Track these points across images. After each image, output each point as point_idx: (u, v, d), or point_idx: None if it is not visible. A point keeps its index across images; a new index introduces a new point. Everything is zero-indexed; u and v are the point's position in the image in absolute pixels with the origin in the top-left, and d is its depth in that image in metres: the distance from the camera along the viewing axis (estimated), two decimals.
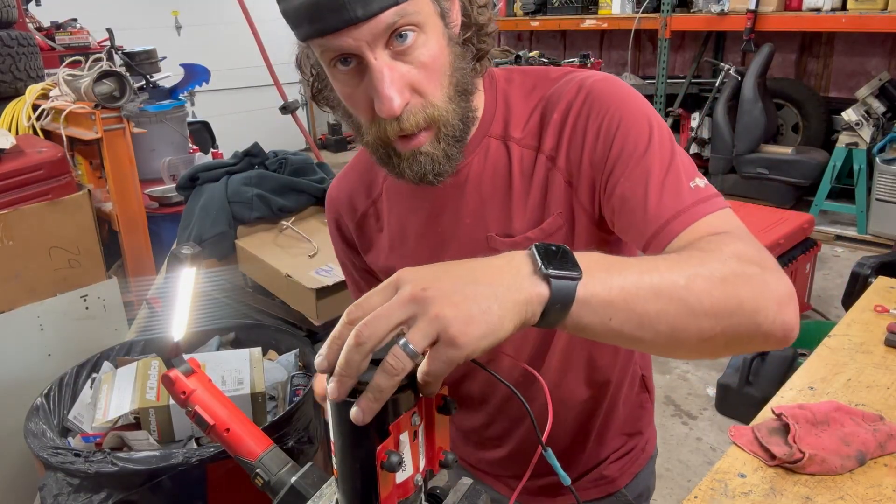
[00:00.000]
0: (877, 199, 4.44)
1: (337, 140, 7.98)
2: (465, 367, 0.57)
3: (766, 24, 4.76)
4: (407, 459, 0.57)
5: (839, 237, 4.67)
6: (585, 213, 0.84)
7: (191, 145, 3.45)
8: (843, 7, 4.47)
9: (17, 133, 2.66)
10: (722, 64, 5.26)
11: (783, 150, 4.99)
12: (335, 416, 0.57)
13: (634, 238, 0.77)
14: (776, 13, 4.74)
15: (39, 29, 4.62)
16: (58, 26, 4.72)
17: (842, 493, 1.03)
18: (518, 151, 0.86)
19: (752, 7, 4.71)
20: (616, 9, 5.66)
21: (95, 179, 2.76)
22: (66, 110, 2.49)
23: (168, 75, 3.51)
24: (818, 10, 4.55)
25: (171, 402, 1.56)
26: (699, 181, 0.76)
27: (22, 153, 2.24)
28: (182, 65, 3.62)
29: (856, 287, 2.86)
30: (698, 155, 5.47)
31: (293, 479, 0.75)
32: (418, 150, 0.77)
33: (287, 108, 3.58)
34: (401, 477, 0.57)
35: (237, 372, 1.68)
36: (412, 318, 0.51)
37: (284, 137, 5.83)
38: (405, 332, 0.52)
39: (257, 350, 1.79)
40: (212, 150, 3.73)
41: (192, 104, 4.10)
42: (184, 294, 1.01)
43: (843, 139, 4.54)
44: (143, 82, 3.22)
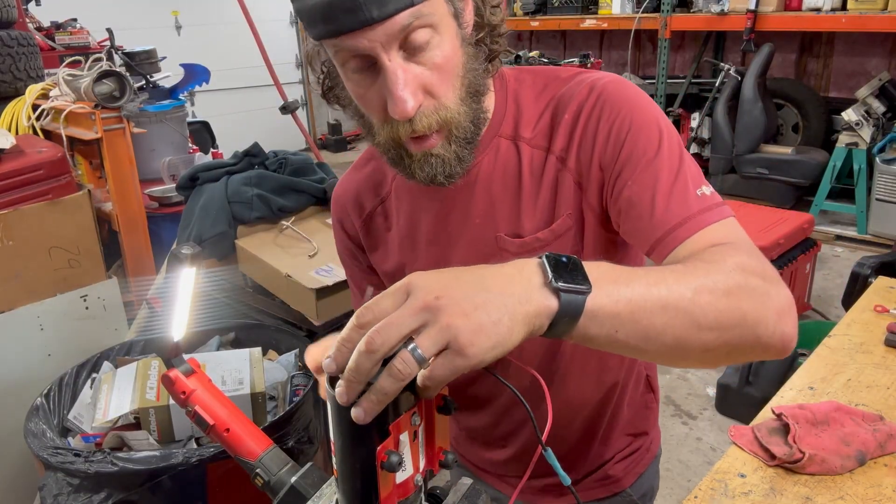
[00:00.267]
0: (877, 199, 4.43)
1: (337, 140, 7.98)
2: (472, 371, 0.57)
3: (766, 24, 4.75)
4: (407, 459, 0.57)
5: (839, 237, 4.67)
6: (594, 214, 0.84)
7: (191, 145, 3.45)
8: (843, 7, 4.47)
9: (17, 133, 2.66)
10: (722, 64, 5.26)
11: (783, 150, 4.99)
12: (336, 417, 0.57)
13: (639, 242, 0.78)
14: (776, 13, 4.74)
15: (39, 29, 4.62)
16: (58, 26, 4.72)
17: (842, 493, 1.03)
18: (528, 152, 0.86)
19: (752, 7, 4.71)
20: (616, 9, 5.66)
21: (95, 179, 2.76)
22: (66, 110, 2.49)
23: (168, 75, 3.51)
24: (818, 10, 4.55)
25: (171, 402, 1.56)
26: (706, 189, 0.76)
27: (22, 153, 2.24)
28: (182, 65, 3.62)
29: (856, 287, 2.86)
30: (698, 155, 5.47)
31: (293, 479, 0.75)
32: (430, 151, 0.78)
33: (287, 108, 3.58)
34: (401, 477, 0.57)
35: (237, 372, 1.68)
36: (423, 325, 0.52)
37: (284, 137, 5.83)
38: (414, 338, 0.52)
39: (257, 350, 1.79)
40: (212, 150, 3.73)
41: (192, 104, 4.11)
42: (184, 294, 1.01)
43: (843, 139, 4.54)
44: (143, 82, 3.22)
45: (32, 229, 2.12)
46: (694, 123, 5.47)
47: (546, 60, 4.85)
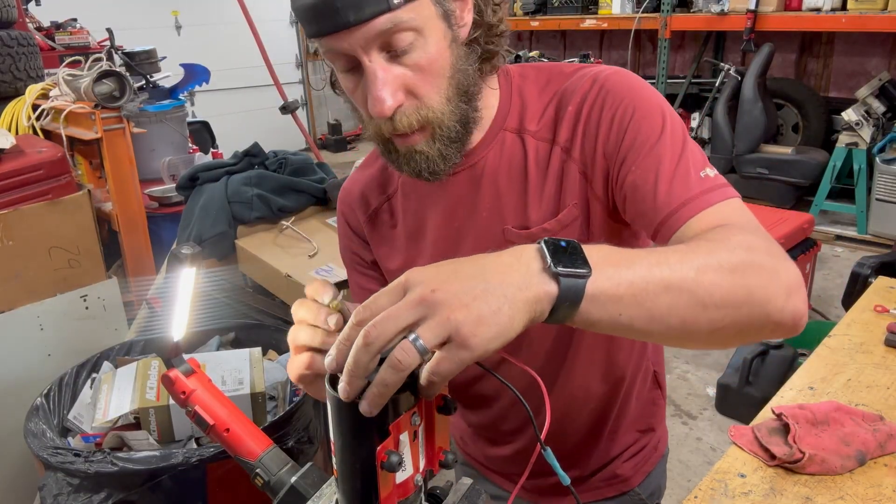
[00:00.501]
0: (877, 199, 4.43)
1: (337, 140, 7.98)
2: (476, 368, 0.57)
3: (766, 24, 4.75)
4: (407, 459, 0.57)
5: (839, 237, 4.67)
6: (600, 203, 0.85)
7: (191, 145, 3.45)
8: (843, 7, 4.47)
9: (16, 133, 2.66)
10: (722, 64, 5.26)
11: (783, 150, 4.99)
12: (336, 416, 0.57)
13: (644, 226, 0.78)
14: (776, 13, 4.74)
15: (39, 29, 4.62)
16: (58, 26, 4.72)
17: (842, 493, 1.03)
18: (533, 144, 0.87)
19: (752, 7, 4.71)
20: (616, 9, 5.66)
21: (95, 179, 2.76)
22: (66, 110, 2.49)
23: (168, 75, 3.52)
24: (818, 10, 4.55)
25: (171, 402, 1.56)
26: (709, 171, 0.77)
27: (22, 153, 2.24)
28: (182, 65, 3.62)
29: (856, 287, 2.86)
30: None
31: (293, 479, 0.75)
32: (413, 148, 0.79)
33: (287, 108, 3.58)
34: (401, 477, 0.57)
35: (237, 372, 1.68)
36: (421, 319, 0.51)
37: (284, 137, 5.83)
38: (415, 331, 0.51)
39: (257, 350, 1.79)
40: (212, 150, 3.74)
41: (192, 104, 4.11)
42: (184, 294, 1.01)
43: (843, 139, 4.54)
44: (143, 82, 3.22)
45: (32, 229, 2.12)
46: (694, 123, 5.47)
47: (546, 60, 4.85)
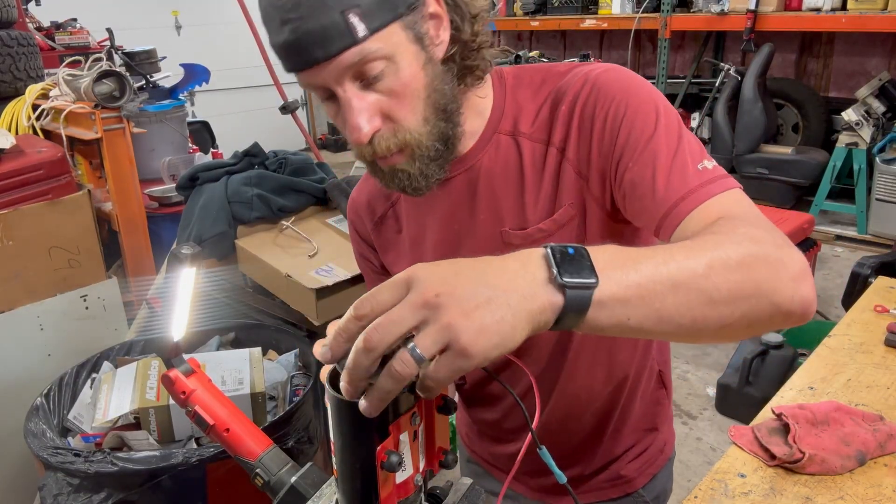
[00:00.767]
0: (877, 199, 4.43)
1: (337, 140, 7.97)
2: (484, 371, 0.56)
3: (766, 24, 4.75)
4: (407, 459, 0.57)
5: (839, 237, 4.66)
6: (597, 202, 0.85)
7: (191, 145, 3.45)
8: (843, 7, 4.47)
9: (16, 133, 2.66)
10: (722, 64, 5.26)
11: (783, 150, 4.99)
12: (336, 416, 0.57)
13: (646, 222, 0.78)
14: (776, 13, 4.74)
15: (39, 29, 4.62)
16: (58, 26, 4.72)
17: (842, 493, 1.03)
18: (528, 146, 0.87)
19: (752, 7, 4.71)
20: (616, 9, 5.65)
21: (95, 179, 2.76)
22: (66, 110, 2.49)
23: (168, 75, 3.51)
24: (818, 10, 4.55)
25: (171, 402, 1.56)
26: (707, 163, 0.77)
27: (22, 153, 2.24)
28: (182, 65, 3.62)
29: (856, 287, 2.86)
30: None
31: (293, 479, 0.75)
32: (395, 167, 0.81)
33: (287, 108, 3.58)
34: (401, 477, 0.57)
35: (237, 372, 1.68)
36: (423, 323, 0.50)
37: (284, 137, 5.83)
38: (414, 336, 0.51)
39: (257, 350, 1.79)
40: (212, 150, 3.74)
41: (192, 104, 4.10)
42: (184, 294, 1.01)
43: (843, 139, 4.54)
44: (143, 82, 3.22)
45: (32, 229, 2.12)
46: (694, 123, 5.47)
47: (546, 60, 4.85)
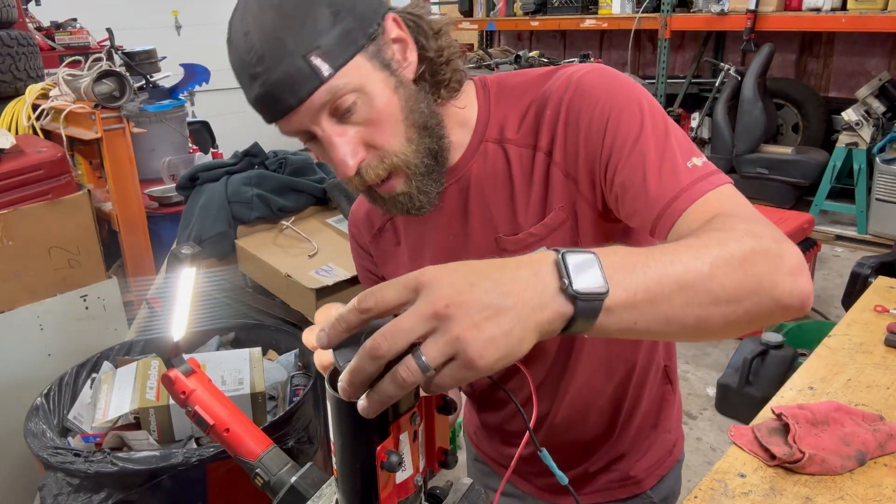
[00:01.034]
0: (877, 199, 4.43)
1: None
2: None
3: (766, 24, 4.75)
4: (407, 459, 0.57)
5: (839, 237, 4.66)
6: (588, 204, 0.84)
7: (191, 145, 3.45)
8: (843, 7, 4.47)
9: (16, 133, 2.66)
10: (722, 64, 5.25)
11: (783, 150, 4.99)
12: (336, 416, 0.57)
13: (640, 223, 0.78)
14: (776, 13, 4.73)
15: (39, 29, 4.63)
16: (58, 26, 4.73)
17: (842, 493, 1.03)
18: (516, 152, 0.87)
19: (752, 7, 4.70)
20: (616, 9, 5.65)
21: (95, 179, 2.76)
22: (66, 110, 2.49)
23: (168, 75, 3.51)
24: (818, 10, 4.54)
25: (171, 402, 1.56)
26: (696, 160, 0.76)
27: (22, 153, 2.24)
28: (182, 65, 3.61)
29: (856, 287, 2.86)
30: None
31: (293, 479, 0.75)
32: (393, 192, 0.82)
33: None
34: (401, 477, 0.57)
35: (237, 372, 1.68)
36: (430, 332, 0.50)
37: (284, 137, 5.82)
38: (420, 345, 0.50)
39: (257, 350, 1.79)
40: (212, 150, 3.74)
41: (192, 104, 4.10)
42: (184, 294, 1.01)
43: (843, 139, 4.54)
44: (143, 82, 3.22)
45: (32, 229, 2.12)
46: (694, 123, 5.47)
47: (546, 60, 4.85)
